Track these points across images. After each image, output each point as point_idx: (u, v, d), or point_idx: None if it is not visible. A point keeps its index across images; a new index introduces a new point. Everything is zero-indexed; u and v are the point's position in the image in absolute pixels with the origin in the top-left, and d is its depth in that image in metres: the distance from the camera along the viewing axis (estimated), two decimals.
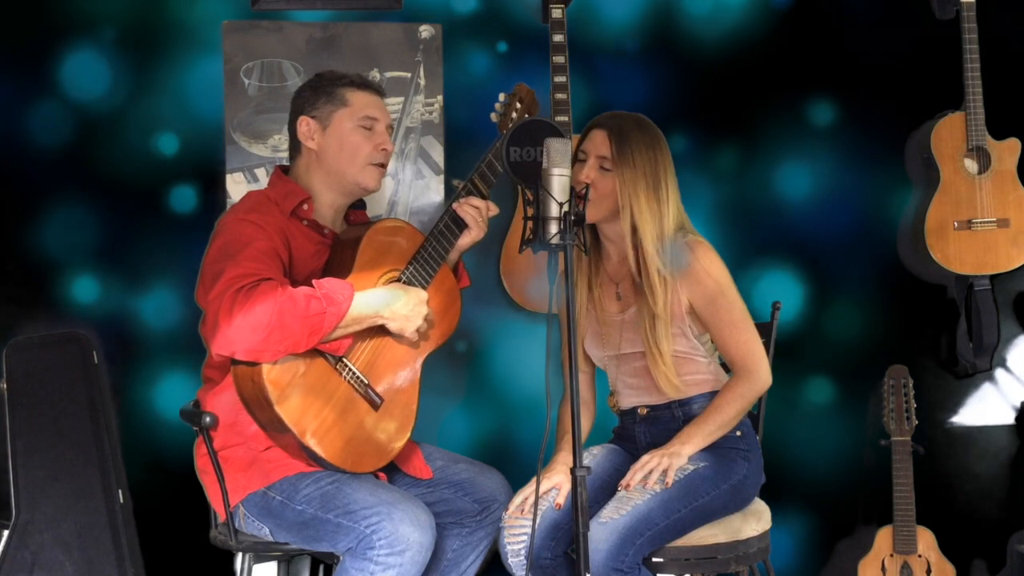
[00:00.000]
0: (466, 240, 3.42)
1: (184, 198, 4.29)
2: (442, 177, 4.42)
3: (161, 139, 4.27)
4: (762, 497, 3.47)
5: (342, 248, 3.33)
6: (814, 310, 4.55)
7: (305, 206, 3.34)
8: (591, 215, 3.35)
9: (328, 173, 3.37)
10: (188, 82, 4.29)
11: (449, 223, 3.38)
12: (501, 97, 3.82)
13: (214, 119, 4.30)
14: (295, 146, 3.40)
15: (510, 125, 3.65)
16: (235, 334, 3.02)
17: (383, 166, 3.41)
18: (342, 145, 3.35)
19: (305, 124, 3.36)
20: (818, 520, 4.53)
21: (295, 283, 3.16)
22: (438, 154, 4.41)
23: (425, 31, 4.39)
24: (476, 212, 3.39)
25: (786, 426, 4.37)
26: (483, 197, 3.42)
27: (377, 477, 3.30)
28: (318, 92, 3.36)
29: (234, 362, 3.15)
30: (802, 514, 4.48)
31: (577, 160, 3.38)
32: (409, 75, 4.38)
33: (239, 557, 3.37)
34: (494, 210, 3.44)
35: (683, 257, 3.31)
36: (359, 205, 3.54)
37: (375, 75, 4.32)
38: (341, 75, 3.40)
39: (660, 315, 3.30)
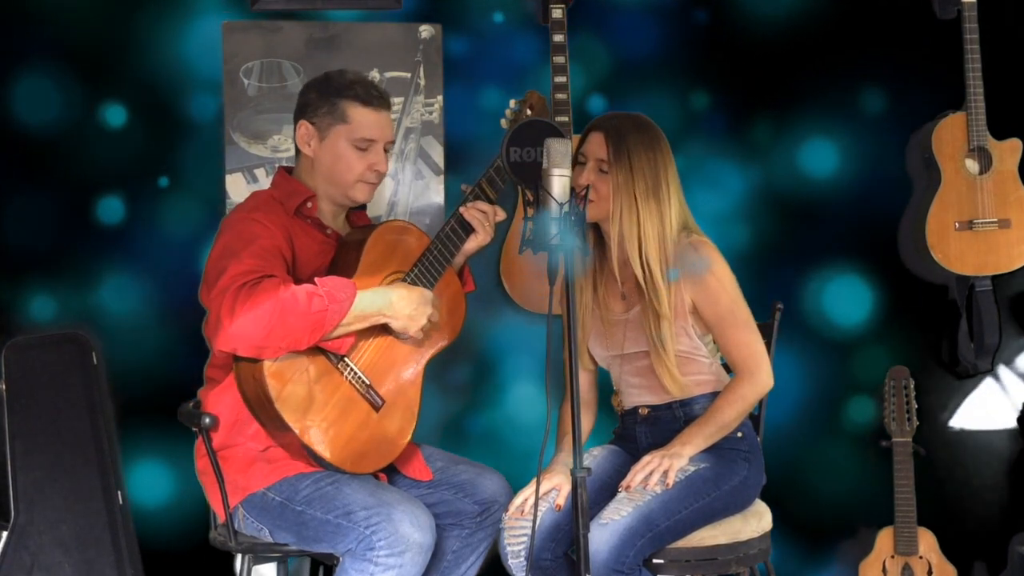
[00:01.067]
0: (472, 244, 3.41)
1: (112, 208, 4.28)
2: (442, 177, 4.41)
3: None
4: (763, 498, 3.46)
5: (347, 249, 3.32)
6: (818, 310, 4.55)
7: (309, 204, 3.34)
8: (592, 216, 3.34)
9: (320, 179, 3.36)
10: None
11: (455, 226, 3.37)
12: (512, 103, 3.82)
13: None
14: (296, 145, 3.40)
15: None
16: (237, 330, 3.02)
17: (375, 183, 3.41)
18: (335, 160, 3.34)
19: (304, 128, 3.35)
20: (819, 521, 4.52)
21: (299, 282, 3.15)
22: (438, 154, 4.41)
23: (425, 31, 4.38)
24: (483, 216, 3.38)
25: (788, 427, 4.37)
26: (491, 202, 3.41)
27: (377, 478, 3.29)
28: (323, 99, 3.33)
29: (236, 359, 3.15)
30: (803, 515, 4.47)
31: (577, 163, 3.37)
32: (409, 75, 4.37)
33: (238, 558, 3.37)
34: (501, 215, 3.43)
35: (697, 264, 3.30)
36: (359, 206, 3.53)
37: (375, 75, 4.31)
38: (349, 83, 3.35)
39: (665, 315, 3.30)
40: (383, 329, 3.24)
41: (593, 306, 3.48)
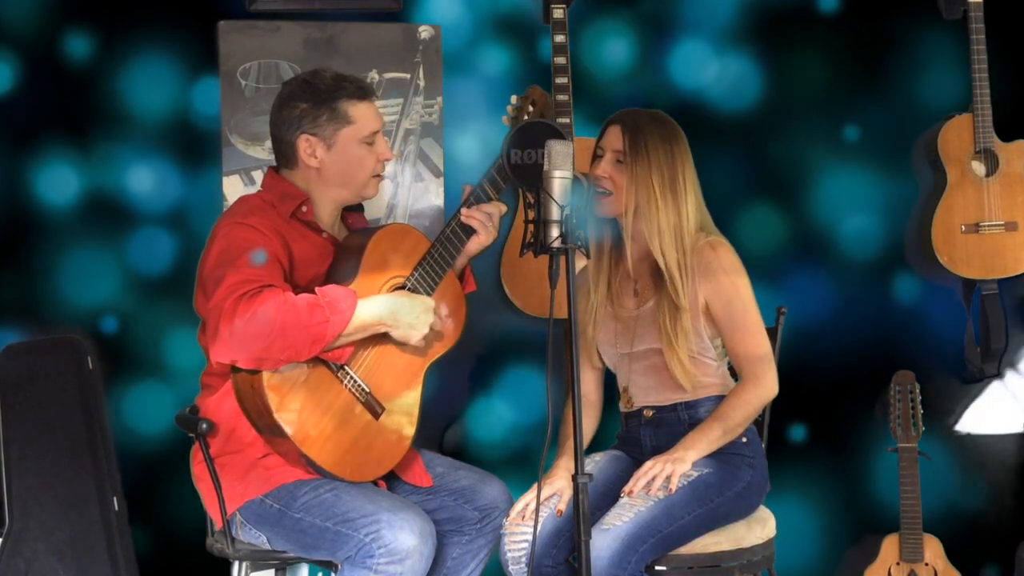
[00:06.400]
0: (474, 245, 3.39)
1: None
2: (442, 180, 4.39)
3: None
4: (767, 504, 3.45)
5: (346, 253, 3.29)
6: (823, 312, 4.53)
7: (304, 208, 3.30)
8: (611, 209, 3.36)
9: (329, 186, 3.32)
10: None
11: (456, 229, 3.35)
12: (513, 99, 3.80)
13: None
14: (290, 158, 3.32)
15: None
16: (236, 342, 2.99)
17: (382, 175, 3.40)
18: (347, 163, 3.30)
19: (306, 142, 3.28)
20: (824, 528, 4.49)
21: (296, 288, 3.12)
22: (438, 156, 4.39)
23: (425, 32, 4.36)
24: (486, 218, 3.35)
25: (791, 432, 4.35)
26: (492, 200, 3.38)
27: (376, 485, 3.27)
28: (318, 107, 3.27)
29: (234, 369, 3.12)
30: (808, 521, 4.44)
31: (595, 156, 3.40)
32: (408, 76, 4.36)
33: (236, 565, 3.34)
34: (503, 209, 3.40)
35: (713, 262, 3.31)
36: (356, 208, 3.50)
37: (374, 76, 4.30)
38: (336, 84, 3.30)
39: (683, 307, 3.30)
40: (383, 336, 3.21)
41: (607, 304, 3.48)
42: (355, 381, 3.19)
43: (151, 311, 4.22)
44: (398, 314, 3.17)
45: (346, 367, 3.17)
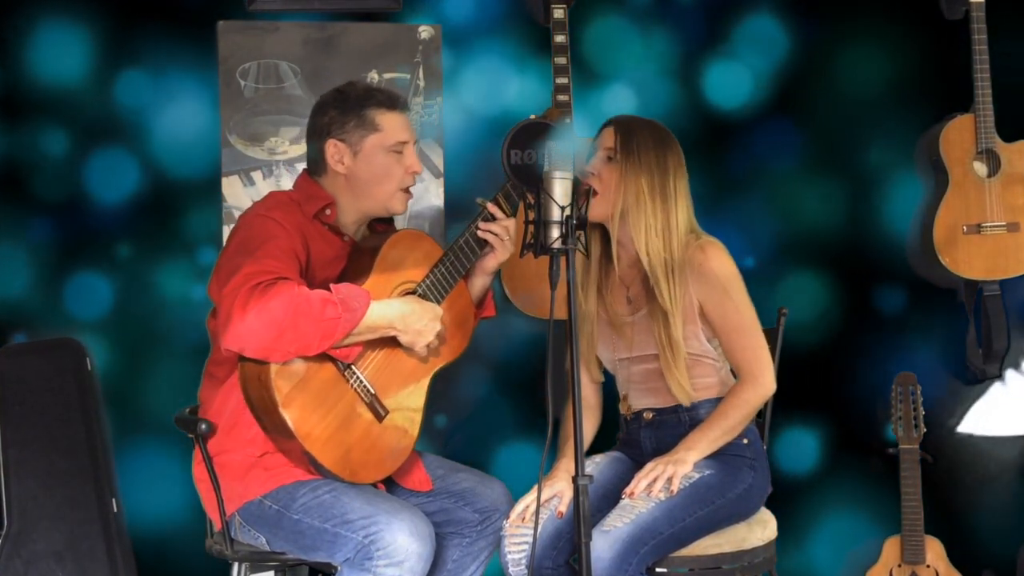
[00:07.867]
0: (492, 261, 3.39)
1: None
2: (442, 180, 4.39)
3: None
4: (768, 506, 3.44)
5: (360, 254, 3.31)
6: (824, 313, 4.52)
7: (328, 211, 3.30)
8: (599, 212, 3.34)
9: (356, 195, 3.33)
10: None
11: (469, 240, 3.35)
12: (532, 118, 3.79)
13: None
14: (319, 163, 3.34)
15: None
16: (247, 331, 2.99)
17: (410, 189, 3.39)
18: (373, 171, 3.31)
19: (334, 147, 3.30)
20: (825, 529, 4.49)
21: (311, 286, 3.12)
22: (438, 157, 4.38)
23: (424, 32, 4.36)
24: (503, 231, 3.35)
25: (793, 434, 4.33)
26: (507, 216, 3.37)
27: (375, 487, 3.26)
28: (346, 114, 3.29)
29: (241, 360, 3.12)
30: (809, 523, 4.44)
31: (588, 157, 3.39)
32: (408, 76, 4.35)
33: (235, 567, 3.34)
34: (514, 225, 3.39)
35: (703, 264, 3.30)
36: (386, 220, 3.50)
37: (373, 76, 4.30)
38: (367, 93, 3.32)
39: (669, 309, 3.28)
40: (391, 340, 3.21)
41: (600, 310, 3.47)
42: (361, 382, 3.19)
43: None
44: (408, 319, 3.17)
45: (353, 367, 3.18)
